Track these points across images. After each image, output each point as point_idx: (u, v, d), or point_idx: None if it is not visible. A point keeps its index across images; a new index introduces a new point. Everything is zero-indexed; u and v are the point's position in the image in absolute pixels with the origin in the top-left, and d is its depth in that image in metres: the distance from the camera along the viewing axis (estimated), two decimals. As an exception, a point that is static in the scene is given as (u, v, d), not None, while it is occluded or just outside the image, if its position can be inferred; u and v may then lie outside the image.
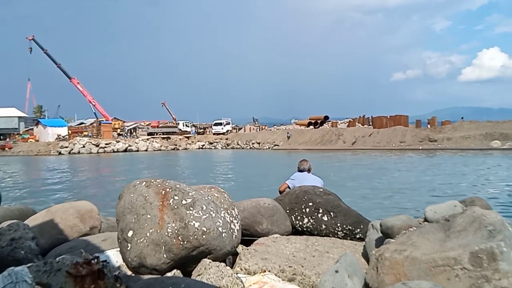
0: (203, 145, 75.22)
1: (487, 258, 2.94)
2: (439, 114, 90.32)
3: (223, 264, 3.60)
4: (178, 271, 3.74)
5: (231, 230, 3.99)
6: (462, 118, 62.62)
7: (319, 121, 74.47)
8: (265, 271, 3.82)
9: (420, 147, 50.02)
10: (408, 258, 3.16)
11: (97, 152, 66.89)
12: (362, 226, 5.23)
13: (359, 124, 69.19)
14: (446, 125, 58.73)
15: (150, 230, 3.66)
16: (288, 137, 66.71)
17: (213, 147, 73.87)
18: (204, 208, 3.80)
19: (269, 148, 65.26)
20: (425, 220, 4.10)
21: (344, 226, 5.23)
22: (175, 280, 2.61)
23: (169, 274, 3.64)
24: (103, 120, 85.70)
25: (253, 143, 69.99)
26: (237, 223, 4.20)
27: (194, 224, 3.65)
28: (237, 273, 3.77)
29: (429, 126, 61.02)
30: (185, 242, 3.62)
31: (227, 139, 77.54)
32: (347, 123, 71.74)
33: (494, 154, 40.78)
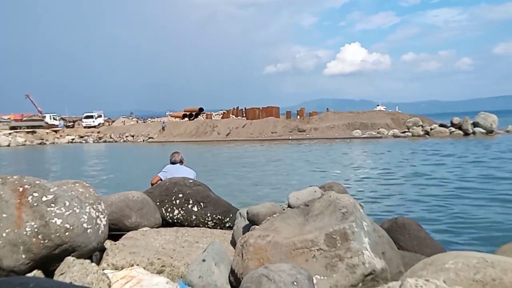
0: (73, 139, 71.35)
1: (340, 239, 3.19)
2: (307, 106, 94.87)
3: (88, 261, 3.49)
4: (40, 271, 3.56)
5: (97, 226, 3.87)
6: (327, 108, 66.37)
7: (194, 113, 74.37)
8: (133, 265, 3.78)
9: (290, 137, 52.21)
10: (270, 243, 3.33)
11: (-51, 149, 60.42)
12: (231, 215, 5.37)
13: (233, 116, 70.25)
14: (313, 116, 61.87)
15: (6, 230, 3.43)
16: (163, 128, 65.87)
17: (84, 141, 70.39)
18: (67, 204, 3.64)
19: (143, 140, 63.85)
20: (289, 206, 4.33)
21: (214, 215, 5.34)
22: (24, 280, 2.48)
23: (29, 275, 3.45)
24: (-45, 113, 77.45)
25: (126, 136, 67.95)
26: (103, 218, 4.07)
27: (55, 221, 3.49)
28: (103, 269, 3.69)
29: (298, 117, 63.81)
30: (46, 241, 3.45)
31: (99, 132, 74.42)
32: (222, 115, 72.44)
33: (355, 142, 43.97)
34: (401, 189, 15.61)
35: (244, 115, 68.59)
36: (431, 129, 46.67)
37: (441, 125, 47.50)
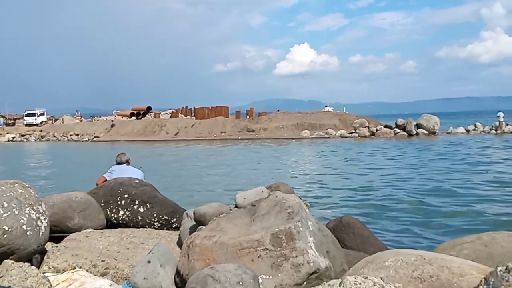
0: (13, 138, 68.56)
1: (286, 238, 3.23)
2: (257, 106, 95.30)
3: (27, 264, 3.37)
4: (-25, 276, 3.41)
5: (38, 228, 3.75)
6: (278, 110, 66.96)
7: (141, 112, 73.19)
8: (75, 268, 3.69)
9: (240, 137, 52.25)
10: (216, 243, 3.32)
11: None
12: (178, 216, 5.33)
13: (182, 115, 69.62)
14: (263, 116, 62.14)
15: None
16: (112, 126, 64.57)
17: (25, 140, 67.84)
18: (6, 205, 3.51)
19: (88, 140, 62.19)
20: (236, 206, 4.34)
21: (161, 216, 5.28)
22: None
23: (-37, 281, 3.30)
24: None
25: (71, 135, 66.02)
26: (44, 219, 3.94)
27: (-7, 223, 3.36)
28: (44, 272, 3.57)
29: (247, 117, 63.90)
30: (-17, 244, 3.32)
31: (41, 130, 71.90)
32: (170, 114, 71.65)
33: (304, 142, 44.56)
34: (347, 188, 15.93)
35: (193, 114, 68.11)
36: (377, 130, 47.94)
37: (386, 126, 48.89)
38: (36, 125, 77.01)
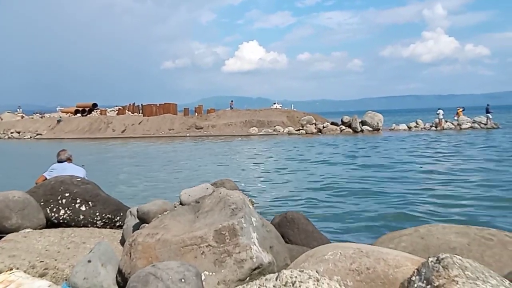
0: None
1: (229, 234, 3.24)
2: (205, 103, 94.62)
3: (-40, 266, 3.24)
4: None
5: (-29, 229, 3.60)
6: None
7: (87, 109, 71.28)
8: (12, 269, 3.56)
9: (188, 134, 51.91)
10: (159, 241, 3.30)
11: None
12: (122, 214, 5.24)
13: (129, 112, 68.32)
14: (211, 113, 61.89)
15: None
16: (58, 121, 62.71)
17: (-37, 138, 64.94)
18: None
19: (31, 137, 60.06)
20: (180, 203, 4.32)
21: (104, 215, 5.17)
22: None
23: None
24: None
25: (12, 133, 63.61)
26: (-21, 220, 3.80)
27: None
28: (-22, 275, 3.43)
29: (196, 114, 63.50)
30: None
31: (-21, 128, 68.96)
32: (117, 111, 70.18)
33: (252, 139, 44.76)
34: (293, 184, 16.13)
35: (140, 111, 66.98)
36: (324, 127, 48.76)
37: (332, 123, 49.78)
38: (-25, 122, 73.66)
